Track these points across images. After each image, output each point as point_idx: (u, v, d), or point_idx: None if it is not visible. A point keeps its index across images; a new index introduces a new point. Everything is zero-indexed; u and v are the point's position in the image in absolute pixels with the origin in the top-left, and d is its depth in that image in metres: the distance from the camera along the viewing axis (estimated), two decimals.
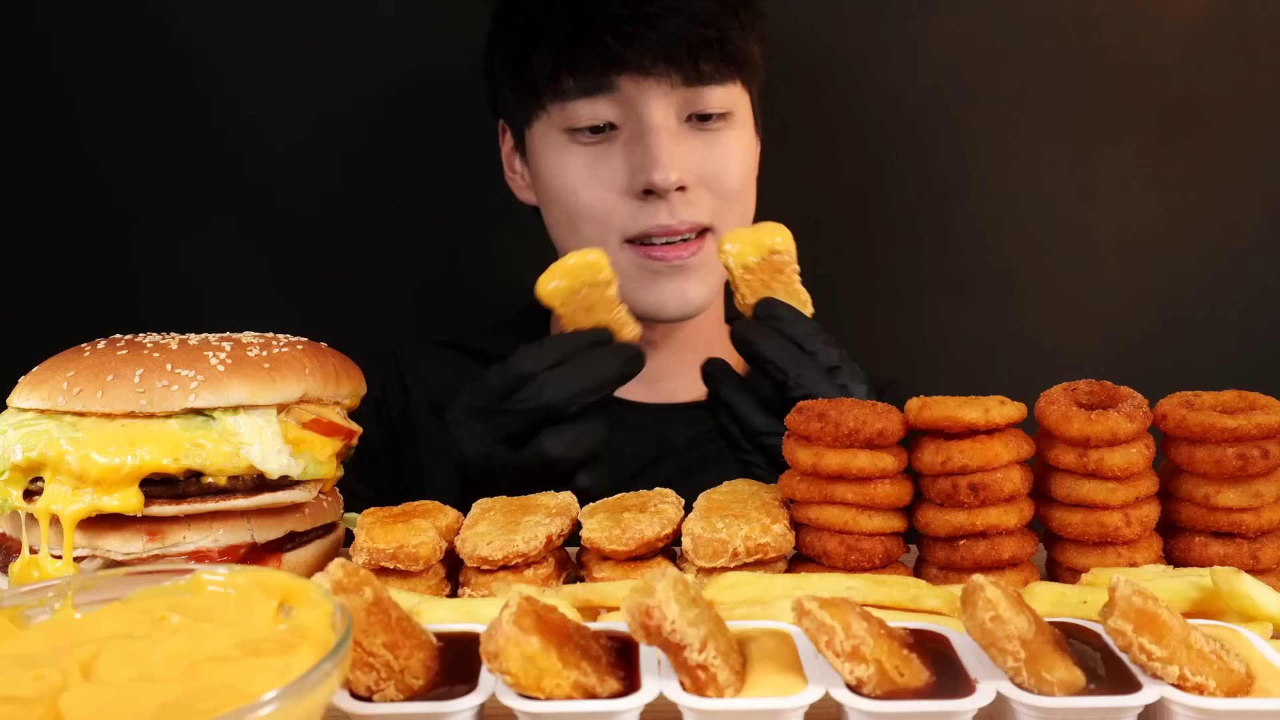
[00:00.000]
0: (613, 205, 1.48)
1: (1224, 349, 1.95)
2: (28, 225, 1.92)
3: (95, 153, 1.90)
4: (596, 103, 1.46)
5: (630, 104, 1.46)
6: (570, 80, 1.46)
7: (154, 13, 1.86)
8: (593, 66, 1.44)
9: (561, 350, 1.17)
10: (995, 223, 1.98)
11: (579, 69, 1.45)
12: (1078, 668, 0.77)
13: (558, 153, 1.51)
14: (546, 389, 1.15)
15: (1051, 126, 1.94)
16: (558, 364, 1.17)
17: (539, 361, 1.17)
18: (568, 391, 1.15)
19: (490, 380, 1.19)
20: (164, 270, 1.92)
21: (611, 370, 1.17)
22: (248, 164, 1.92)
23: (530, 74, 1.49)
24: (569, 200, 1.51)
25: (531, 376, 1.17)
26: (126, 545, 1.02)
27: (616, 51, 1.43)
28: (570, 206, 1.51)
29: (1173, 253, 1.96)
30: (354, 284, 1.96)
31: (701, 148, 1.48)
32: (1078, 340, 2.00)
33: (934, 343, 1.99)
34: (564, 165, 1.50)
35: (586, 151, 1.49)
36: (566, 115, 1.48)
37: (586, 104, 1.46)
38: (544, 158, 1.53)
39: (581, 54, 1.44)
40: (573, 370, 1.17)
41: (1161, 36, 1.92)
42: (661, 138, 1.44)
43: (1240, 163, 1.94)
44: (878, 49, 1.92)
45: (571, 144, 1.50)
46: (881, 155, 1.97)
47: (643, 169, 1.43)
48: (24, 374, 1.08)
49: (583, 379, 1.16)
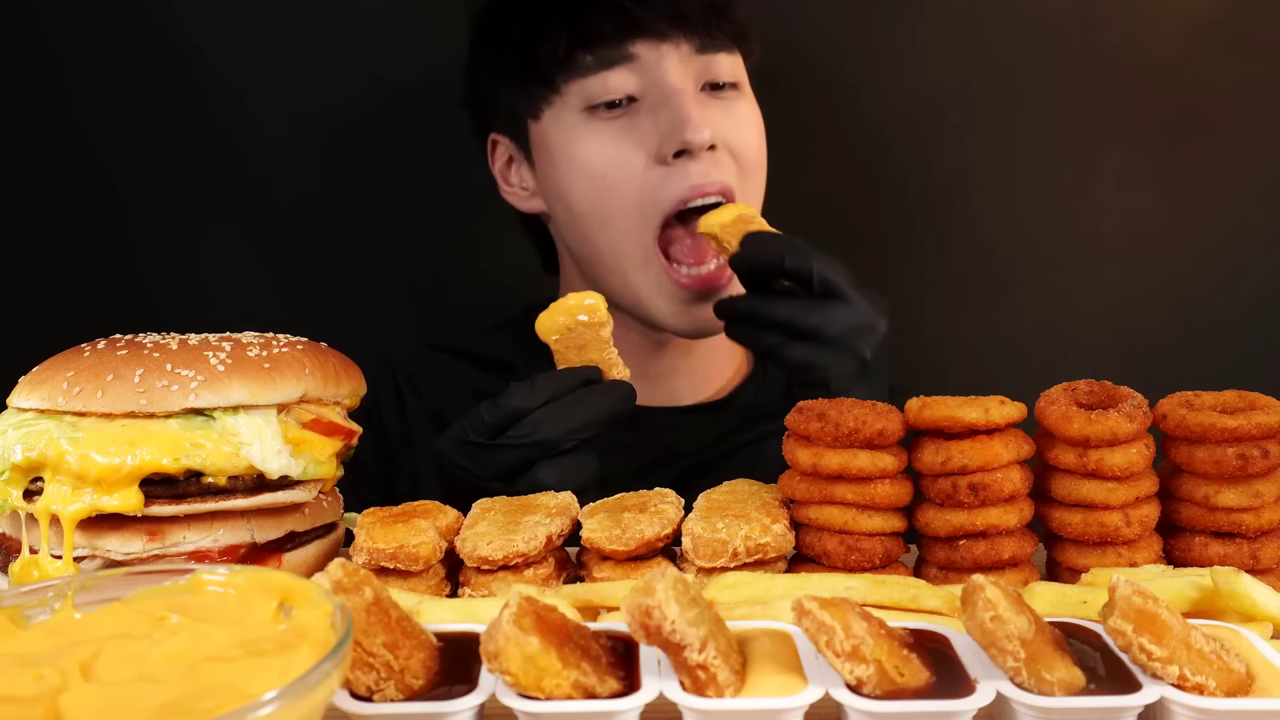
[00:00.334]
0: (641, 178, 1.46)
1: (1224, 349, 1.95)
2: (27, 225, 1.92)
3: (96, 152, 1.90)
4: (616, 74, 1.46)
5: (649, 72, 1.46)
6: (588, 56, 1.46)
7: (154, 14, 1.86)
8: (610, 34, 1.45)
9: (553, 388, 1.20)
10: (996, 223, 1.98)
11: (595, 40, 1.45)
12: (1078, 668, 0.77)
13: (576, 133, 1.49)
14: (543, 426, 1.18)
15: (1051, 126, 1.95)
16: (550, 401, 1.19)
17: (532, 399, 1.19)
18: (563, 429, 1.18)
19: (483, 416, 1.21)
20: (164, 270, 1.92)
21: (604, 409, 1.20)
22: (248, 165, 1.92)
23: (540, 58, 1.48)
24: (596, 183, 1.48)
25: (526, 413, 1.19)
26: (126, 545, 1.02)
27: (633, 14, 1.44)
28: (598, 189, 1.48)
29: (1173, 252, 1.96)
30: (354, 284, 1.96)
31: (720, 113, 1.49)
32: (1078, 340, 2.00)
33: (934, 343, 1.99)
34: (586, 144, 1.48)
35: (608, 126, 1.48)
36: (586, 92, 1.47)
37: (607, 76, 1.46)
38: (561, 143, 1.50)
39: (598, 22, 1.45)
40: (566, 408, 1.19)
41: (1162, 37, 1.92)
42: (688, 99, 1.44)
43: (1240, 163, 1.94)
44: (878, 49, 1.92)
45: (591, 121, 1.48)
46: (882, 155, 1.97)
47: (673, 131, 1.43)
48: (24, 374, 1.08)
49: (576, 417, 1.19)
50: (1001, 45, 1.92)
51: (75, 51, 1.87)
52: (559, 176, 1.53)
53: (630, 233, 1.47)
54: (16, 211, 1.91)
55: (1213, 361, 1.92)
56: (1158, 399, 1.04)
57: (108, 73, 1.88)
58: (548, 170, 1.55)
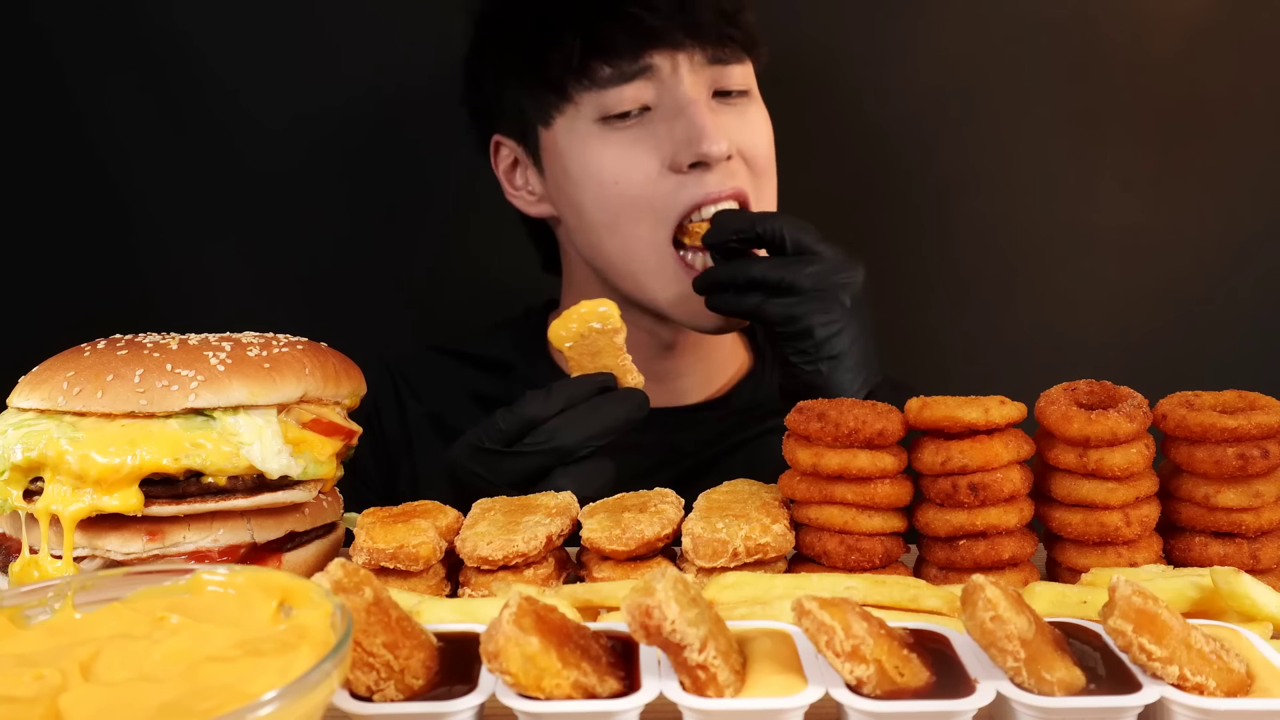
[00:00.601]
0: (655, 186, 1.46)
1: (1224, 349, 1.95)
2: (28, 226, 1.92)
3: (97, 154, 1.90)
4: (633, 87, 1.45)
5: (664, 81, 1.45)
6: (605, 68, 1.45)
7: (154, 17, 1.87)
8: (626, 46, 1.43)
9: (568, 396, 1.21)
10: (996, 223, 1.98)
11: (611, 52, 1.44)
12: (1078, 668, 0.77)
13: (591, 143, 1.48)
14: (559, 434, 1.19)
15: (1052, 127, 1.95)
16: (566, 409, 1.20)
17: (548, 407, 1.20)
18: (580, 436, 1.19)
19: (499, 424, 1.21)
20: (165, 270, 1.92)
21: (619, 417, 1.21)
22: (249, 164, 1.92)
23: (552, 65, 1.47)
24: (609, 192, 1.47)
25: (542, 421, 1.20)
26: (126, 545, 1.02)
27: (649, 25, 1.42)
28: (611, 198, 1.47)
29: (1173, 252, 1.96)
30: (354, 284, 1.96)
31: (733, 119, 1.49)
32: (1078, 340, 2.00)
33: (935, 343, 1.99)
34: (600, 154, 1.47)
35: (622, 136, 1.47)
36: (602, 103, 1.46)
37: (624, 89, 1.45)
38: (576, 153, 1.49)
39: (613, 32, 1.43)
40: (582, 415, 1.20)
41: (1161, 37, 1.92)
42: (703, 109, 1.44)
43: (1240, 163, 1.94)
44: (878, 50, 1.92)
45: (607, 131, 1.47)
46: (882, 156, 1.97)
47: (689, 143, 1.42)
48: (24, 374, 1.08)
49: (592, 424, 1.20)
50: (1002, 45, 1.92)
51: (75, 52, 1.87)
52: (572, 185, 1.52)
53: (644, 238, 1.47)
54: (17, 212, 1.91)
55: (1213, 361, 1.92)
56: (1158, 399, 1.04)
57: (109, 73, 1.88)
58: (559, 178, 1.54)
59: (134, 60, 1.88)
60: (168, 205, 1.93)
